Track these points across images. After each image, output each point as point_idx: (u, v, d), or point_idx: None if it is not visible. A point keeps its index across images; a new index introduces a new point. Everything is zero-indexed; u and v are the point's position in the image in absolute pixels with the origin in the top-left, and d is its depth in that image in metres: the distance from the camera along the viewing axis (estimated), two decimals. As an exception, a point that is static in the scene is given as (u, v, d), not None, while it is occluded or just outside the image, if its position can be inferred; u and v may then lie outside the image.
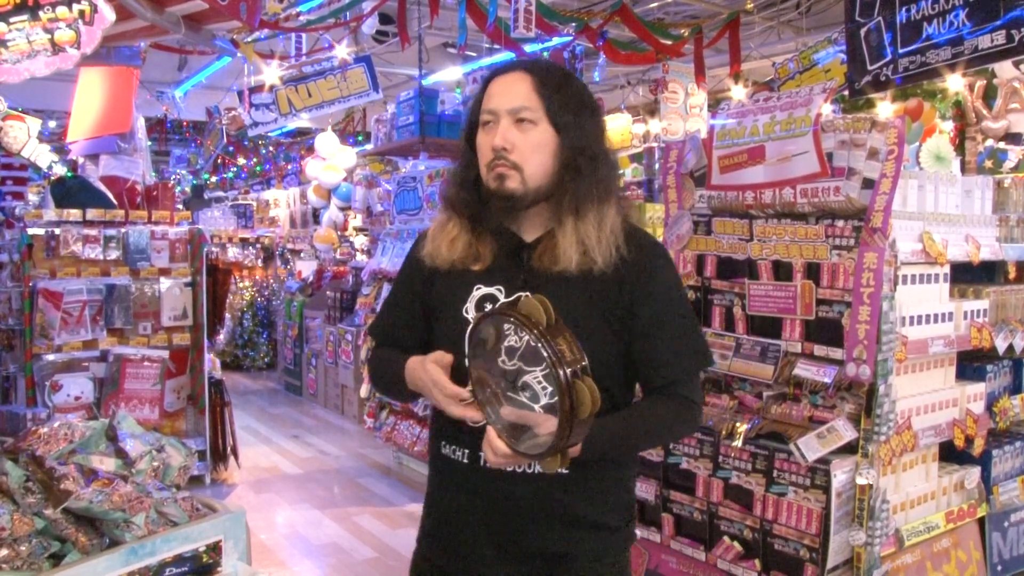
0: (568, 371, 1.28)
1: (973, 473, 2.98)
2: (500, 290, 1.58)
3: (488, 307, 1.54)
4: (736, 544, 2.70)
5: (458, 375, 1.51)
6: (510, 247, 1.61)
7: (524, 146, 1.53)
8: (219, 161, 13.75)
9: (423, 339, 1.70)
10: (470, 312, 1.59)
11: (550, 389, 1.34)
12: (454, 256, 1.62)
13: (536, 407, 1.35)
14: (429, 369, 1.51)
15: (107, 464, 1.57)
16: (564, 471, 1.48)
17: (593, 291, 1.55)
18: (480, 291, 1.59)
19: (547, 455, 1.34)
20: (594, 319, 1.55)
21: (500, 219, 1.58)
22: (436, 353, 1.53)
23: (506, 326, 1.37)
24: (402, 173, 6.15)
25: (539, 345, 1.29)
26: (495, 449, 1.39)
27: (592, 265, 1.53)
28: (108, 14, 2.80)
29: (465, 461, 1.59)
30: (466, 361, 1.49)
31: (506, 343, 1.37)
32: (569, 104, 1.56)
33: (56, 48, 2.79)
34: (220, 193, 15.08)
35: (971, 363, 3.05)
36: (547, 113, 1.54)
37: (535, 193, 1.55)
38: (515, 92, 1.55)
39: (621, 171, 2.86)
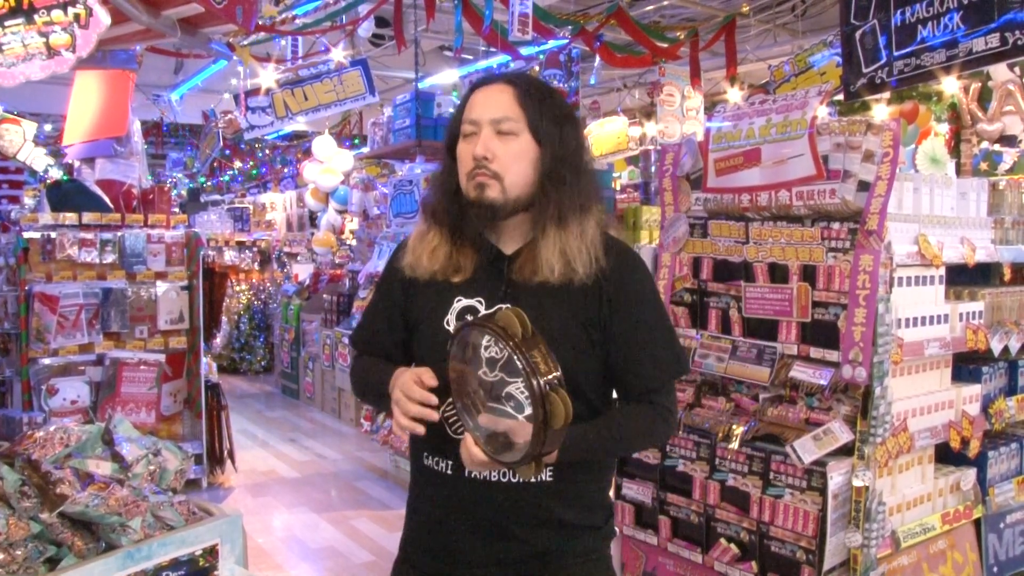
0: (542, 381, 1.31)
1: (969, 475, 2.98)
2: (480, 302, 1.59)
3: (469, 319, 1.54)
4: (733, 546, 2.70)
5: (438, 386, 1.51)
6: (490, 259, 1.61)
7: (505, 156, 1.54)
8: (215, 164, 13.73)
9: (405, 348, 1.71)
10: (451, 324, 1.59)
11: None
12: (435, 267, 1.62)
13: (520, 417, 1.37)
14: (406, 378, 1.50)
15: (103, 468, 1.57)
16: (547, 479, 1.55)
17: (573, 302, 1.56)
18: (461, 303, 1.60)
19: (522, 463, 1.36)
20: (573, 329, 1.56)
21: (480, 230, 1.59)
22: (426, 370, 1.51)
23: (485, 338, 1.39)
24: (398, 176, 6.15)
25: (515, 357, 1.32)
26: (472, 455, 1.41)
27: (572, 276, 1.54)
28: (103, 18, 2.80)
29: (449, 472, 1.59)
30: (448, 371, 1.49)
31: (487, 354, 1.39)
32: (550, 116, 1.58)
33: (51, 52, 2.79)
34: (216, 196, 15.05)
35: (967, 365, 3.06)
36: (528, 124, 1.56)
37: (515, 203, 1.56)
38: (497, 102, 1.57)
39: (614, 175, 2.84)
